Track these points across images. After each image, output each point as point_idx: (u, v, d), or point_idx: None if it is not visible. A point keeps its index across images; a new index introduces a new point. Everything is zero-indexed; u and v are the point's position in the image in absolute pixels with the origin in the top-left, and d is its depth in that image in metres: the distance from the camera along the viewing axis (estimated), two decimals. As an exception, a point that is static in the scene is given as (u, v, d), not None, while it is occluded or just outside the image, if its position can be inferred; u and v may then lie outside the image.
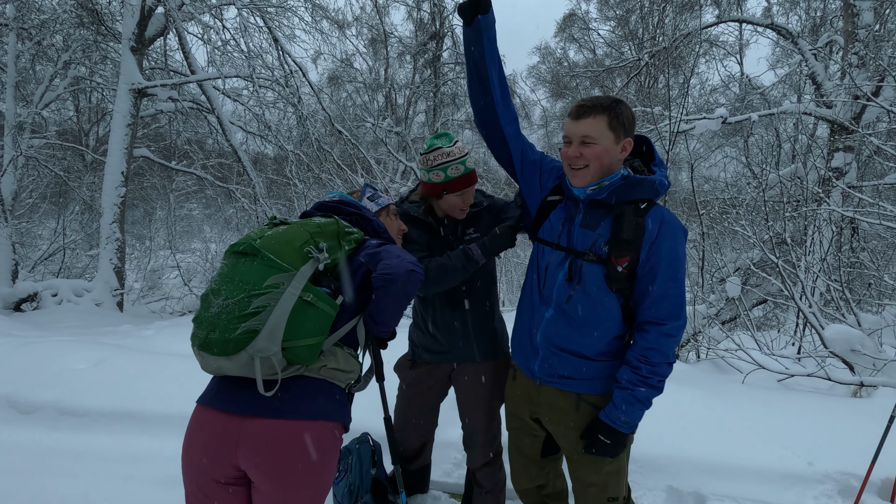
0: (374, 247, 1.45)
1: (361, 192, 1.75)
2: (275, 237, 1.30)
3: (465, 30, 1.52)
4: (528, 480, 1.81)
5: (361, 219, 1.54)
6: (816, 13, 11.70)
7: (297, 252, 1.28)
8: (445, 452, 2.64)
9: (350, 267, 1.42)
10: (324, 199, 1.63)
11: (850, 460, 2.51)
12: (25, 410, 2.97)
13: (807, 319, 4.47)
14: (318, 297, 1.28)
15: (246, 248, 1.27)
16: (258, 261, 1.23)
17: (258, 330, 1.19)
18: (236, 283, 1.22)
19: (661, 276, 1.41)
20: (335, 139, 11.32)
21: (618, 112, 1.40)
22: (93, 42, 9.43)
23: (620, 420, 1.46)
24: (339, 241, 1.39)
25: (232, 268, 1.26)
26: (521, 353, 1.67)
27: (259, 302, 1.19)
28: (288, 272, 1.24)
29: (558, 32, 19.41)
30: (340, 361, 1.38)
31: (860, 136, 6.36)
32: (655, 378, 1.44)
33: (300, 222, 1.38)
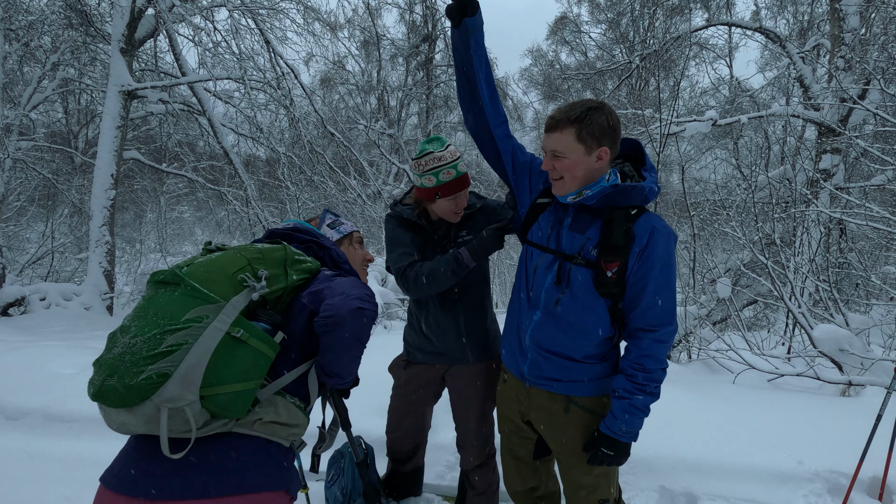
0: (322, 281, 1.26)
1: (321, 219, 1.61)
2: (205, 264, 1.12)
3: (453, 32, 1.52)
4: (520, 482, 1.81)
5: (318, 247, 1.37)
6: (804, 17, 11.86)
7: (229, 280, 1.09)
8: (438, 455, 2.64)
9: (294, 306, 1.22)
10: (276, 226, 1.47)
11: (840, 459, 2.54)
12: (12, 416, 2.93)
13: (796, 320, 4.51)
14: (250, 334, 1.07)
15: (168, 277, 1.08)
16: (180, 291, 1.04)
17: (169, 373, 0.97)
18: (150, 318, 1.02)
19: (652, 283, 1.42)
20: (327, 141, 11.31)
21: (587, 123, 1.38)
22: (82, 43, 9.35)
23: (622, 430, 1.46)
24: (286, 270, 1.21)
25: (149, 300, 1.06)
26: (510, 355, 1.67)
27: (174, 339, 0.99)
28: (214, 303, 1.05)
29: (550, 35, 19.53)
30: (281, 413, 1.14)
31: (847, 138, 6.45)
32: (652, 385, 1.45)
33: (239, 247, 1.21)
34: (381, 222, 10.02)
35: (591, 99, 1.45)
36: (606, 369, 1.55)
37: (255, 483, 1.07)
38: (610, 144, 1.43)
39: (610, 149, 1.43)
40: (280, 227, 1.44)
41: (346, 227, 1.61)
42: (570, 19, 18.73)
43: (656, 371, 1.45)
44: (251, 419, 1.10)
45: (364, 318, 1.17)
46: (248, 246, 1.23)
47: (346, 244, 1.60)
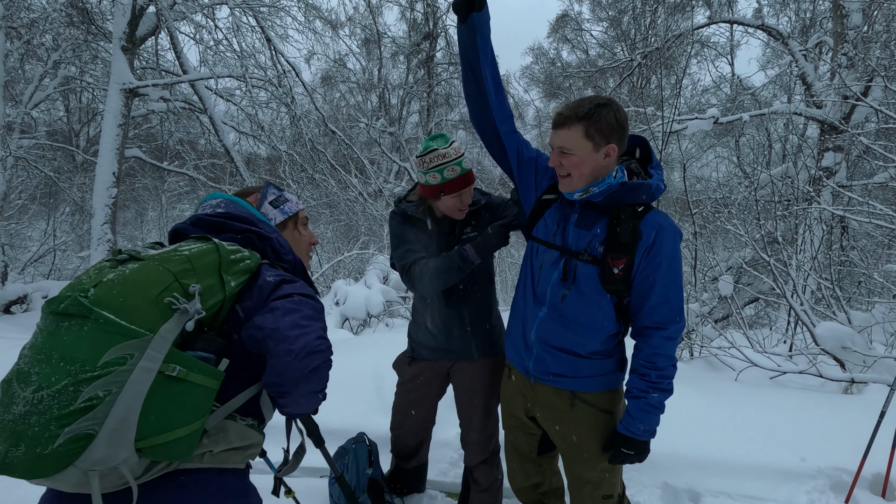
0: (262, 297, 1.03)
1: (262, 195, 1.32)
2: (118, 285, 0.87)
3: (460, 27, 1.51)
4: (524, 478, 1.81)
5: (258, 238, 1.14)
6: (806, 14, 11.83)
7: (153, 304, 0.87)
8: (442, 452, 2.64)
9: (234, 317, 1.03)
10: (203, 211, 1.20)
11: (842, 456, 2.54)
12: (16, 413, 2.94)
13: (798, 317, 4.51)
14: (189, 368, 0.88)
15: (70, 306, 0.83)
16: (90, 325, 0.82)
17: (93, 433, 0.80)
18: (55, 363, 0.80)
19: (660, 280, 1.42)
20: (329, 139, 11.31)
21: (595, 120, 1.37)
22: (83, 41, 9.35)
23: (640, 430, 1.47)
24: (221, 277, 0.98)
25: (50, 338, 0.83)
26: (514, 351, 1.67)
27: (93, 390, 0.80)
28: (138, 337, 0.84)
29: (551, 33, 19.49)
30: (233, 440, 1.01)
31: (850, 135, 6.43)
32: (665, 381, 1.46)
33: (160, 256, 0.95)
34: (382, 220, 10.02)
35: (599, 95, 1.43)
36: (612, 365, 1.55)
37: None
38: (618, 141, 1.42)
39: (618, 146, 1.42)
40: (209, 214, 1.17)
41: (291, 205, 1.34)
42: (571, 17, 18.68)
43: (668, 368, 1.46)
44: (200, 452, 0.96)
45: (318, 375, 0.99)
46: (170, 253, 0.96)
47: (290, 227, 1.35)
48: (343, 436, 2.48)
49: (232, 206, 1.21)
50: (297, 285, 1.09)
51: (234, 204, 1.23)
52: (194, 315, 0.91)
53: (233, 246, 1.07)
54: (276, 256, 1.17)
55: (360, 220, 10.66)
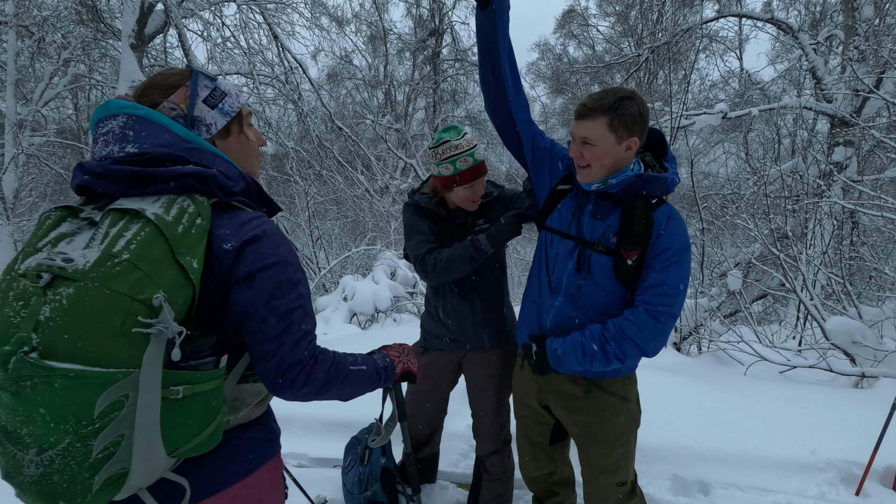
0: (222, 280, 0.88)
1: (191, 91, 0.96)
2: (64, 325, 0.72)
3: (479, 14, 1.50)
4: (536, 468, 1.83)
5: (197, 180, 0.87)
6: (816, 8, 11.71)
7: (121, 338, 0.74)
8: (452, 443, 2.67)
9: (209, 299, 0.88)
10: (106, 146, 0.88)
11: (853, 449, 2.54)
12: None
13: (808, 312, 4.50)
14: (193, 383, 0.82)
15: (23, 369, 0.70)
16: (60, 381, 0.70)
17: (126, 470, 0.78)
18: (44, 424, 0.72)
19: (661, 264, 1.42)
20: (335, 136, 11.34)
21: (620, 113, 1.37)
22: (92, 39, 9.43)
23: (555, 352, 1.49)
24: (179, 263, 0.80)
25: (18, 398, 0.71)
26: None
27: (103, 440, 0.74)
28: (126, 375, 0.74)
29: (557, 29, 19.41)
30: (249, 399, 0.98)
31: (861, 128, 6.37)
32: (614, 349, 1.42)
33: (95, 273, 0.74)
34: (389, 217, 10.05)
35: (623, 87, 1.43)
36: None
37: (246, 467, 0.97)
38: (639, 135, 1.43)
39: (639, 139, 1.43)
40: (120, 159, 0.85)
41: (231, 100, 1.02)
42: (577, 13, 18.60)
43: (629, 342, 1.41)
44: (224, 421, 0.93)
45: (311, 386, 0.93)
46: (105, 263, 0.75)
47: (234, 132, 1.03)
48: (355, 426, 2.52)
49: (145, 131, 0.88)
50: (258, 246, 0.90)
51: (146, 123, 0.89)
52: (175, 336, 0.78)
53: (172, 208, 0.83)
54: (226, 192, 0.92)
55: (367, 216, 10.70)
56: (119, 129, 0.88)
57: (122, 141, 0.88)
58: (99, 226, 0.80)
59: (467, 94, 18.08)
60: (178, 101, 0.95)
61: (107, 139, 0.88)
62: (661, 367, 3.77)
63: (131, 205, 0.81)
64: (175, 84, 0.96)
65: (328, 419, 2.79)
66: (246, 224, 0.91)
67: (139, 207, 0.81)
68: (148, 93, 0.96)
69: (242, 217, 0.92)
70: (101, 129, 0.89)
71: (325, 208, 11.49)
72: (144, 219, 0.80)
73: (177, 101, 0.95)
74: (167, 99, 0.95)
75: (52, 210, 0.85)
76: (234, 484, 0.94)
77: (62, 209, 0.84)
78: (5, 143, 8.28)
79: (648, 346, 1.42)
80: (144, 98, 0.95)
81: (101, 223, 0.80)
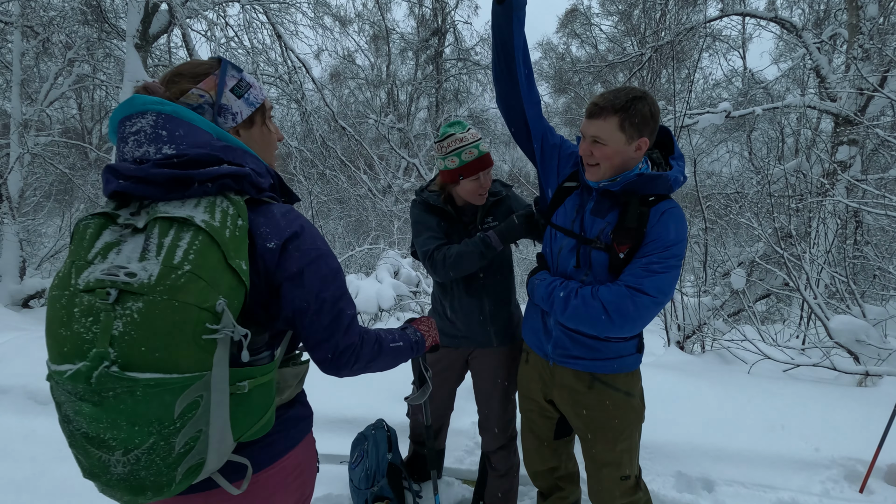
0: (268, 277, 0.92)
1: (220, 80, 0.98)
2: (140, 338, 0.76)
3: (496, 8, 1.50)
4: (540, 462, 1.85)
5: (234, 180, 0.89)
6: (820, 6, 11.67)
7: (193, 345, 0.79)
8: (457, 440, 2.69)
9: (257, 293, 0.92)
10: (139, 147, 0.86)
11: (857, 446, 2.55)
12: (43, 401, 3.02)
13: (812, 310, 4.50)
14: (255, 377, 0.89)
15: (107, 383, 0.74)
16: (141, 389, 0.75)
17: (203, 459, 0.84)
18: (128, 428, 0.77)
19: (645, 251, 1.42)
20: (338, 135, 11.37)
21: (631, 113, 1.38)
22: (97, 39, 9.47)
23: (534, 281, 1.60)
24: (232, 268, 0.84)
25: (100, 408, 0.76)
26: (533, 335, 1.70)
27: (184, 437, 0.80)
28: (199, 379, 0.80)
29: (560, 28, 19.39)
30: (290, 381, 1.05)
31: (865, 127, 6.36)
32: (577, 303, 1.45)
33: (162, 286, 0.77)
34: (392, 216, 10.07)
35: (635, 88, 1.43)
36: (631, 347, 1.57)
37: (290, 441, 1.04)
38: (649, 135, 1.43)
39: (649, 139, 1.43)
40: (159, 161, 0.85)
41: (256, 91, 1.04)
42: (580, 12, 18.58)
43: (597, 303, 1.42)
44: None
45: (360, 364, 1.03)
46: (169, 276, 0.78)
47: (258, 123, 1.05)
48: (362, 423, 2.54)
49: (178, 129, 0.88)
50: (300, 242, 0.94)
51: (176, 121, 0.88)
52: (238, 332, 0.82)
53: (215, 212, 0.84)
54: (257, 189, 0.94)
55: (370, 215, 10.73)
56: (150, 128, 0.87)
57: (157, 141, 0.87)
58: (148, 235, 0.81)
59: (470, 94, 18.09)
60: (207, 88, 0.97)
61: (138, 139, 0.87)
62: (664, 366, 3.78)
63: (178, 212, 0.83)
64: (204, 72, 0.98)
65: (335, 416, 2.81)
66: (282, 220, 0.94)
67: (187, 215, 0.82)
68: (177, 80, 0.96)
69: (276, 212, 0.95)
70: (128, 127, 0.88)
71: (328, 207, 11.52)
72: (195, 227, 0.82)
73: (206, 87, 0.97)
74: (196, 86, 0.96)
75: (90, 218, 0.85)
76: (282, 457, 1.02)
77: (99, 216, 0.84)
78: (11, 142, 8.32)
79: (616, 317, 1.40)
80: (174, 85, 0.95)
81: (149, 232, 0.81)
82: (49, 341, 0.80)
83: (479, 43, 17.36)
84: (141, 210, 0.85)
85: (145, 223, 0.82)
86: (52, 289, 0.81)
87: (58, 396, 0.80)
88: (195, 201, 0.85)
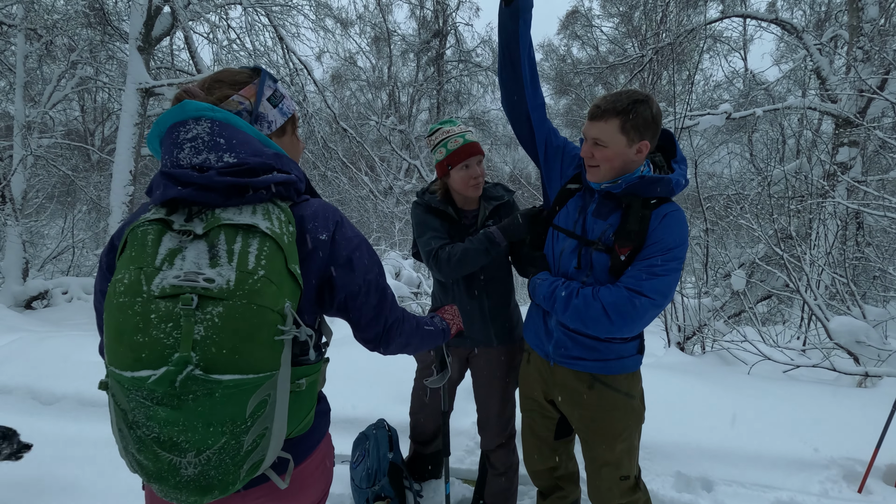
0: (321, 269, 0.96)
1: (259, 89, 1.01)
2: (221, 341, 0.79)
3: (503, 10, 1.52)
4: (540, 461, 1.86)
5: (284, 188, 0.94)
6: (821, 8, 11.68)
7: (267, 347, 0.83)
8: (458, 440, 2.70)
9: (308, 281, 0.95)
10: (196, 152, 0.88)
11: (855, 446, 2.56)
12: (47, 401, 3.05)
13: (812, 312, 4.50)
14: (310, 375, 0.96)
15: (192, 385, 0.77)
16: (221, 391, 0.78)
17: (264, 456, 0.87)
18: (203, 430, 0.79)
19: (645, 253, 1.43)
20: (340, 137, 11.40)
21: (633, 116, 1.38)
22: (100, 42, 9.51)
23: (535, 280, 1.60)
24: (291, 273, 0.88)
25: (178, 412, 0.78)
26: (534, 335, 1.72)
27: (252, 435, 0.83)
28: (270, 378, 0.83)
29: (561, 29, 19.41)
30: (324, 375, 1.10)
31: (865, 129, 6.37)
32: (579, 303, 1.45)
33: (241, 291, 0.80)
34: (393, 217, 10.10)
35: (638, 91, 1.44)
36: (631, 348, 1.59)
37: (320, 434, 1.08)
38: (651, 138, 1.44)
39: (650, 142, 1.44)
40: (222, 169, 0.86)
41: (288, 102, 1.09)
42: (581, 13, 18.61)
43: (597, 304, 1.43)
44: None
45: (404, 341, 1.13)
46: (247, 279, 0.81)
47: (289, 132, 1.10)
48: (363, 423, 2.56)
49: (235, 138, 0.90)
50: (344, 231, 1.00)
51: (230, 129, 0.91)
52: (304, 335, 0.87)
53: (272, 218, 0.88)
54: (298, 193, 0.98)
55: (371, 216, 10.76)
56: (207, 135, 0.89)
57: (216, 149, 0.89)
58: (213, 241, 0.83)
59: (471, 95, 18.13)
60: (247, 96, 1.00)
61: (196, 146, 0.88)
62: (665, 366, 3.80)
63: (241, 219, 0.85)
64: (243, 81, 1.01)
65: (336, 416, 2.80)
66: (322, 212, 0.99)
67: (252, 222, 0.85)
68: (217, 86, 0.99)
69: (314, 206, 1.00)
70: (183, 133, 0.89)
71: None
72: (261, 233, 0.85)
73: (247, 95, 1.00)
74: (237, 93, 0.99)
75: (147, 224, 0.85)
76: (314, 450, 1.06)
77: (155, 223, 0.85)
78: (14, 144, 8.36)
79: (616, 318, 1.41)
80: (215, 91, 0.98)
81: (213, 238, 0.84)
82: (120, 348, 0.80)
83: (480, 45, 17.41)
84: (193, 216, 0.86)
85: (206, 229, 0.84)
86: (118, 296, 0.81)
87: (124, 403, 0.81)
88: (251, 208, 0.88)
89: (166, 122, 0.91)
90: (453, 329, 1.40)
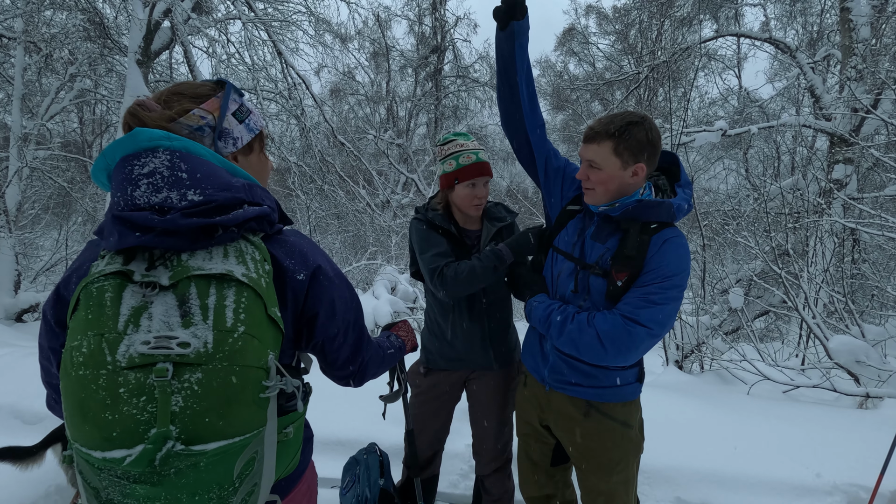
0: (296, 311, 0.91)
1: (223, 103, 0.92)
2: (202, 410, 0.71)
3: (499, 34, 1.51)
4: (536, 488, 1.80)
5: (256, 222, 0.85)
6: (813, 28, 11.86)
7: (251, 405, 0.76)
8: (452, 464, 2.63)
9: None
10: (153, 192, 0.76)
11: (859, 472, 2.50)
12: (30, 421, 2.96)
13: (811, 330, 4.47)
14: (296, 423, 0.93)
15: (174, 462, 0.70)
16: (205, 460, 0.71)
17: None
18: (188, 499, 0.72)
19: (642, 281, 1.38)
20: (337, 151, 11.43)
21: (626, 138, 1.36)
22: (99, 55, 9.55)
23: (531, 303, 1.58)
24: (269, 316, 0.80)
25: (160, 487, 0.70)
26: (531, 358, 1.68)
27: (241, 494, 0.77)
28: (257, 436, 0.77)
29: (558, 46, 19.66)
30: None
31: (860, 147, 6.41)
32: (573, 329, 1.41)
33: (220, 353, 0.73)
34: (390, 231, 10.06)
35: (634, 112, 1.41)
36: (629, 376, 1.54)
37: (304, 463, 1.04)
38: (647, 160, 1.40)
39: (647, 165, 1.41)
40: (185, 209, 0.76)
41: (256, 119, 0.99)
42: (577, 31, 18.86)
43: (591, 331, 1.38)
44: None
45: (375, 373, 1.14)
46: (226, 340, 0.74)
47: (256, 150, 1.00)
48: (354, 446, 2.49)
49: (198, 171, 0.79)
50: (326, 270, 0.94)
51: (192, 159, 0.79)
52: (291, 385, 0.81)
53: (246, 260, 0.80)
54: (271, 224, 0.89)
55: (368, 230, 10.72)
56: (167, 169, 0.77)
57: (178, 186, 0.77)
58: (184, 295, 0.74)
59: (469, 111, 18.25)
60: (210, 110, 0.91)
61: (154, 182, 0.76)
62: (663, 386, 3.74)
63: (213, 267, 0.76)
64: (206, 94, 0.92)
65: (326, 439, 2.76)
66: (298, 248, 0.93)
67: (224, 270, 0.77)
68: (176, 99, 0.90)
69: (290, 241, 0.93)
70: (138, 167, 0.77)
71: (326, 222, 11.52)
72: (237, 282, 0.77)
73: (210, 109, 0.91)
74: (199, 107, 0.90)
75: (102, 280, 0.74)
76: (298, 483, 1.03)
77: (112, 277, 0.74)
78: (10, 156, 8.33)
79: (610, 347, 1.36)
80: (174, 104, 0.89)
81: (183, 291, 0.74)
82: (86, 427, 0.70)
83: (477, 60, 17.58)
84: (155, 262, 0.76)
85: (173, 280, 0.75)
86: (77, 367, 0.70)
87: (95, 482, 0.72)
88: (222, 249, 0.80)
89: (115, 153, 0.79)
90: (408, 346, 1.42)
